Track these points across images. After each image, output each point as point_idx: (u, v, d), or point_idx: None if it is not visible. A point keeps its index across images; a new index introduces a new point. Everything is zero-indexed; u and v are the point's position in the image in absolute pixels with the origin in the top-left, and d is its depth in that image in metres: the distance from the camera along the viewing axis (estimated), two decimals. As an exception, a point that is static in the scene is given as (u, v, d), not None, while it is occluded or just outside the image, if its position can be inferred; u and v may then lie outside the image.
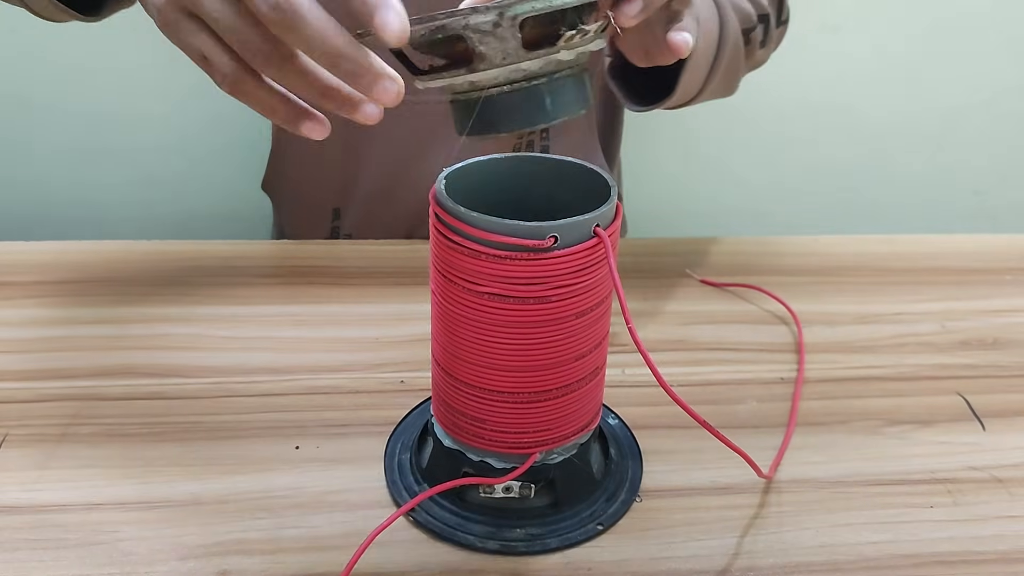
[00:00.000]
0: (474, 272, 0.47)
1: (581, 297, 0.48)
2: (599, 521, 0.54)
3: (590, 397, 0.53)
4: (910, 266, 0.85)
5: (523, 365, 0.49)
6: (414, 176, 0.86)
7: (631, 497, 0.56)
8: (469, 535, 0.53)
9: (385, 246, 0.83)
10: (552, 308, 0.48)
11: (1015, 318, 0.77)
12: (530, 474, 0.53)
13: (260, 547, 0.52)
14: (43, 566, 0.50)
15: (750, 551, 0.53)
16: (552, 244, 0.46)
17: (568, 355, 0.50)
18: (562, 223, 0.46)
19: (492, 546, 0.52)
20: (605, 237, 0.47)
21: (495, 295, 0.47)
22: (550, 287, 0.47)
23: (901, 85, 1.36)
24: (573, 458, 0.54)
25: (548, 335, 0.49)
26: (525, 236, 0.45)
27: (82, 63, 1.20)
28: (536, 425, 0.51)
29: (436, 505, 0.54)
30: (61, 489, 0.55)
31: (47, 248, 0.81)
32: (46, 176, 1.29)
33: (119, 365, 0.67)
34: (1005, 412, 0.65)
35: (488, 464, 0.53)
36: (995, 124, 1.41)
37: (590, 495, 0.55)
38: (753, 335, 0.73)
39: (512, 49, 0.42)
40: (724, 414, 0.64)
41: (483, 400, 0.51)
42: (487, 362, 0.50)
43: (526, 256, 0.46)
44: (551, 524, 0.53)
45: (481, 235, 0.46)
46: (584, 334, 0.50)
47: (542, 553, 0.52)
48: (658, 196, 1.39)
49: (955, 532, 0.55)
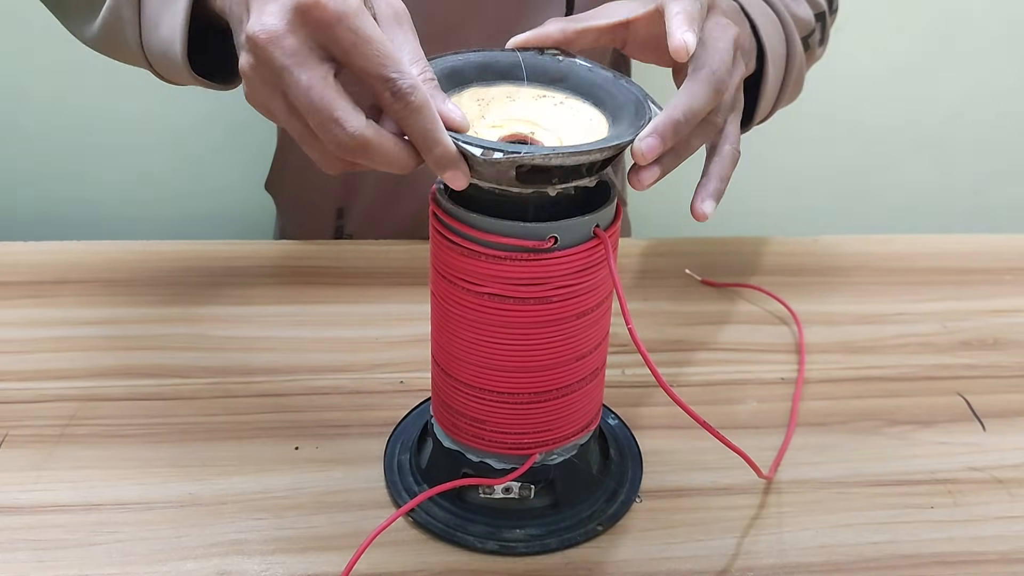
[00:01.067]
0: (473, 272, 0.47)
1: (582, 298, 0.48)
2: (599, 522, 0.54)
3: (590, 398, 0.53)
4: (910, 266, 0.85)
5: (523, 366, 0.49)
6: (418, 176, 0.86)
7: (631, 497, 0.56)
8: (469, 535, 0.53)
9: (385, 246, 0.83)
10: (552, 309, 0.48)
11: (1015, 318, 0.77)
12: (530, 475, 0.52)
13: (259, 548, 0.52)
14: (43, 566, 0.50)
15: (750, 551, 0.53)
16: (552, 245, 0.46)
17: (568, 356, 0.50)
18: (562, 223, 0.46)
19: (492, 546, 0.52)
20: (605, 238, 0.47)
21: (495, 295, 0.47)
22: (550, 287, 0.47)
23: (901, 85, 1.36)
24: (573, 458, 0.54)
25: (548, 336, 0.48)
26: (525, 237, 0.45)
27: (82, 61, 1.19)
28: (536, 426, 0.51)
29: (436, 506, 0.54)
30: (60, 489, 0.55)
31: (46, 248, 0.81)
32: (46, 176, 1.29)
33: (118, 365, 0.66)
34: (1005, 412, 0.65)
35: (488, 465, 0.53)
36: (995, 124, 1.41)
37: (590, 496, 0.55)
38: (753, 335, 0.73)
39: (506, 179, 0.44)
40: (724, 414, 0.64)
41: (482, 401, 0.51)
42: (487, 363, 0.50)
43: (526, 257, 0.46)
44: (551, 525, 0.53)
45: (480, 235, 0.46)
46: (584, 335, 0.50)
47: (542, 554, 0.52)
48: (660, 197, 1.38)
49: (955, 532, 0.55)
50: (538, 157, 0.42)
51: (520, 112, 0.49)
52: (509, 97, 0.49)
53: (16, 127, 1.24)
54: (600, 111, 0.49)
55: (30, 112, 1.23)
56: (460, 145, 0.43)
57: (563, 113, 0.49)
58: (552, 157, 0.42)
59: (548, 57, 0.50)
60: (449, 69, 0.49)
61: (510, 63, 0.50)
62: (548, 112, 0.49)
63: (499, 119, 0.48)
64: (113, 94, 1.22)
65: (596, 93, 0.49)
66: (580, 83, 0.50)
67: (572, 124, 0.48)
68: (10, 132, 1.25)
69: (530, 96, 0.50)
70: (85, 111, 1.23)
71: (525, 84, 0.50)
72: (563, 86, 0.50)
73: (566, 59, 0.50)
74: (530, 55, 0.50)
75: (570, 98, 0.50)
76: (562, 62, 0.50)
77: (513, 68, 0.50)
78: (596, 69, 0.50)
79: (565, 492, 0.54)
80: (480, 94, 0.49)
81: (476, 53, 0.50)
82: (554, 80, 0.50)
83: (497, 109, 0.49)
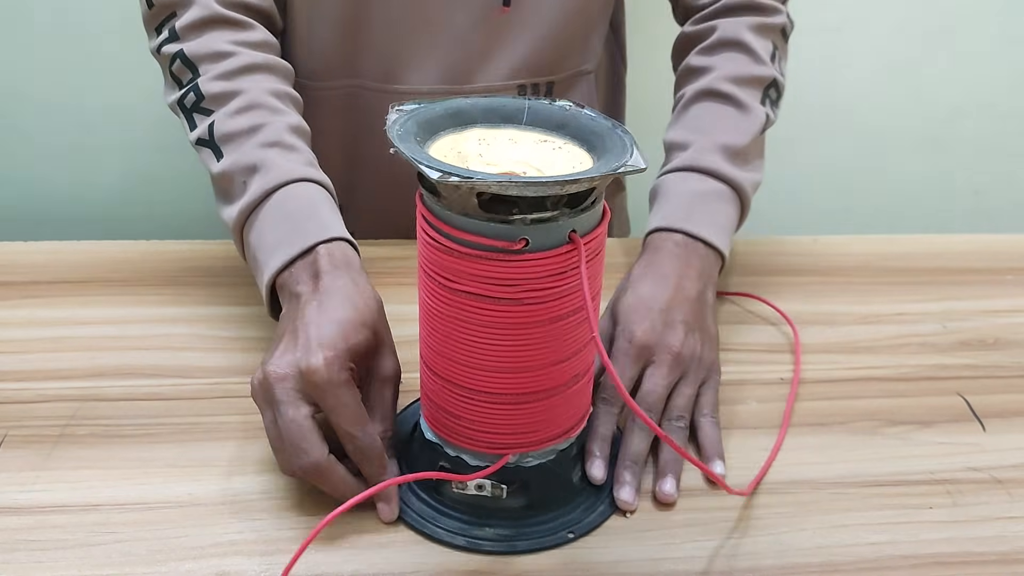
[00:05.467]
0: (449, 269, 0.48)
1: (556, 302, 0.48)
2: (571, 529, 0.54)
3: (568, 404, 0.53)
4: (910, 266, 0.85)
5: (496, 366, 0.50)
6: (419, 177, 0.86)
7: (611, 509, 0.55)
8: (439, 528, 0.53)
9: (384, 246, 0.83)
10: (525, 311, 0.48)
11: (1015, 318, 0.77)
12: (503, 475, 0.53)
13: (259, 548, 0.52)
14: (43, 566, 0.50)
15: (748, 552, 0.53)
16: (523, 247, 0.46)
17: (542, 360, 0.50)
18: (536, 227, 0.46)
19: (459, 542, 0.52)
20: (580, 244, 0.47)
21: (468, 293, 0.48)
22: (522, 289, 0.47)
23: (901, 85, 1.36)
24: (550, 463, 0.54)
25: (521, 338, 0.49)
26: (495, 237, 0.46)
27: (82, 61, 1.19)
28: (509, 427, 0.52)
29: (415, 497, 0.55)
30: (60, 490, 0.55)
31: (46, 248, 0.81)
32: (46, 176, 1.29)
33: (118, 365, 0.67)
34: (1005, 412, 0.65)
35: (463, 460, 0.53)
36: (995, 124, 1.40)
37: (568, 503, 0.55)
38: (753, 336, 0.73)
39: (470, 206, 0.46)
40: (724, 414, 0.64)
41: (458, 396, 0.52)
42: (461, 359, 0.50)
43: (497, 256, 0.46)
44: (522, 527, 0.53)
45: (455, 233, 0.47)
46: (560, 340, 0.50)
47: (508, 554, 0.52)
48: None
49: (954, 533, 0.55)
50: (494, 185, 0.44)
51: (520, 155, 0.51)
52: (512, 140, 0.52)
53: (16, 127, 1.24)
54: (593, 156, 0.50)
55: (30, 112, 1.23)
56: (421, 168, 0.44)
57: (560, 157, 0.50)
58: (509, 186, 0.44)
59: (556, 106, 0.52)
60: (454, 109, 0.52)
61: (516, 108, 0.53)
62: (546, 156, 0.51)
63: (496, 159, 0.50)
64: (113, 94, 1.22)
65: (592, 140, 0.51)
66: (580, 130, 0.52)
67: (564, 167, 0.49)
68: (10, 132, 1.25)
69: (532, 140, 0.52)
70: (85, 111, 1.23)
71: (526, 128, 0.53)
72: (564, 132, 0.52)
73: (573, 108, 0.52)
74: (540, 103, 0.53)
75: (568, 143, 0.51)
76: (568, 111, 0.52)
77: (518, 113, 0.53)
78: (598, 118, 0.51)
79: (540, 496, 0.54)
80: (483, 134, 0.52)
81: (485, 98, 0.53)
82: (557, 126, 0.52)
83: (497, 150, 0.51)
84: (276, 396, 0.52)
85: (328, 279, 0.58)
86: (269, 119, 0.67)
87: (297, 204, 0.63)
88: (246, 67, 0.69)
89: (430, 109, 0.51)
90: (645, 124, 1.24)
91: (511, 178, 0.44)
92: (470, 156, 0.50)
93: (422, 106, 0.52)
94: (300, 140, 0.68)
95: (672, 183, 0.73)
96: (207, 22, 0.70)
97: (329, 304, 0.56)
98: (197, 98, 0.68)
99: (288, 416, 0.52)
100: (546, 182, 0.43)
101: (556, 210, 0.46)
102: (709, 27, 0.80)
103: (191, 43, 0.70)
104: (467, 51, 0.81)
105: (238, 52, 0.70)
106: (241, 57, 0.69)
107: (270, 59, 0.71)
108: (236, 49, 0.70)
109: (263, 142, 0.66)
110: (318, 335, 0.54)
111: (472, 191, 0.45)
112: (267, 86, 0.69)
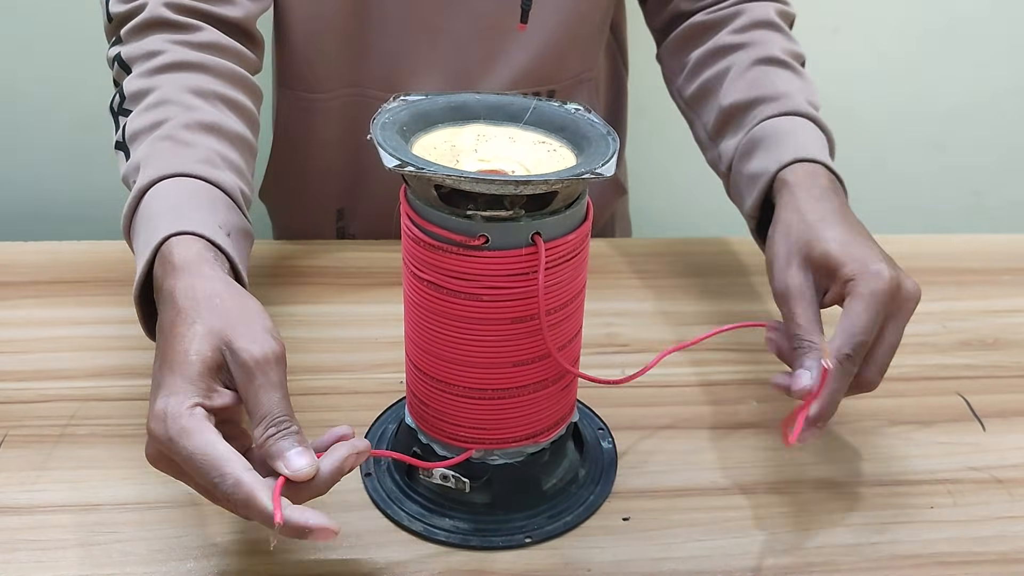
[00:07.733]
0: (416, 258, 0.49)
1: (518, 303, 0.48)
2: (528, 534, 0.53)
3: (536, 408, 0.53)
4: (909, 266, 0.84)
5: (459, 359, 0.50)
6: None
7: (578, 522, 0.55)
8: (401, 510, 0.54)
9: (384, 246, 0.83)
10: (484, 308, 0.48)
11: (1015, 318, 0.77)
12: (468, 469, 0.53)
13: (258, 547, 0.52)
14: (43, 566, 0.50)
15: (749, 552, 0.53)
16: (482, 243, 0.46)
17: (504, 360, 0.50)
18: (497, 225, 0.46)
19: (416, 527, 0.53)
20: (542, 247, 0.47)
21: (433, 284, 0.49)
22: (481, 285, 0.47)
23: (901, 85, 1.36)
24: (518, 464, 0.54)
25: (481, 334, 0.49)
26: (454, 231, 0.46)
27: (82, 61, 1.19)
28: (471, 421, 0.52)
29: (389, 478, 0.56)
30: (60, 490, 0.55)
31: (46, 248, 0.81)
32: (46, 176, 1.29)
33: (118, 365, 0.66)
34: (1005, 412, 0.65)
35: (433, 449, 0.54)
36: (994, 124, 1.41)
37: (532, 507, 0.55)
38: (753, 335, 0.73)
39: (431, 197, 0.47)
40: (724, 414, 0.64)
41: (427, 385, 0.52)
42: (429, 348, 0.51)
43: (457, 250, 0.47)
44: (480, 523, 0.54)
45: (422, 223, 0.48)
46: (522, 342, 0.50)
47: (461, 548, 0.52)
48: (663, 197, 1.38)
49: (955, 533, 0.55)
50: (447, 179, 0.44)
51: (515, 154, 0.51)
52: (511, 139, 0.52)
53: (16, 127, 1.24)
54: (583, 160, 0.50)
55: (30, 112, 1.23)
56: (381, 153, 0.46)
57: (552, 159, 0.51)
58: (461, 181, 0.44)
59: (565, 108, 0.53)
60: (457, 104, 0.52)
61: (521, 107, 0.53)
62: (540, 157, 0.51)
63: (490, 155, 0.51)
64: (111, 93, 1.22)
65: (583, 145, 0.51)
66: (577, 134, 0.52)
67: (551, 169, 0.49)
68: (10, 132, 1.25)
69: (531, 141, 0.52)
70: (85, 111, 1.23)
71: (528, 128, 0.53)
72: (563, 135, 0.52)
73: (580, 112, 0.52)
74: (547, 104, 0.53)
75: (564, 147, 0.52)
76: (572, 114, 0.52)
77: (522, 113, 0.53)
78: (597, 124, 0.52)
79: (503, 495, 0.54)
80: (484, 131, 0.52)
81: (493, 95, 0.53)
82: (558, 129, 0.52)
83: (494, 146, 0.51)
84: (150, 448, 0.47)
85: (165, 291, 0.51)
86: (173, 115, 0.61)
87: (160, 204, 0.56)
88: (170, 64, 0.64)
89: (432, 101, 0.52)
90: (647, 128, 1.24)
91: (463, 173, 0.44)
92: (465, 150, 0.51)
93: (426, 98, 0.52)
94: (204, 136, 0.61)
95: (786, 124, 0.72)
96: (150, 24, 0.67)
97: (164, 323, 0.50)
98: (121, 99, 0.65)
99: (163, 470, 0.47)
100: (497, 180, 0.44)
101: (513, 210, 0.46)
102: (736, 11, 0.78)
103: (130, 46, 0.66)
104: (469, 60, 0.81)
105: (168, 50, 0.65)
106: (169, 55, 0.65)
107: (207, 58, 0.66)
108: (168, 47, 0.65)
109: (157, 138, 0.60)
110: (157, 379, 0.47)
111: (430, 183, 0.46)
112: (188, 83, 0.63)
